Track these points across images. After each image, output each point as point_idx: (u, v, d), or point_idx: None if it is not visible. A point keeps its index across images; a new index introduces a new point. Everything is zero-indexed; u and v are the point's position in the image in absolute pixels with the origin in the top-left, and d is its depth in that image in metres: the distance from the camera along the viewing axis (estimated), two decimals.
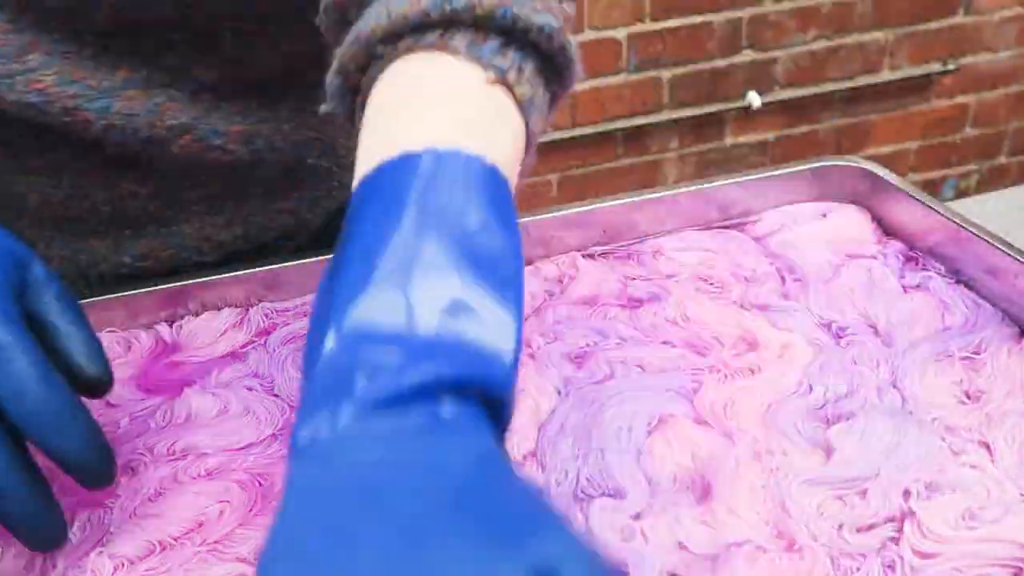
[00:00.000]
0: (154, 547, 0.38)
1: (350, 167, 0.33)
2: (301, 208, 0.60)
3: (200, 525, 0.39)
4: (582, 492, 0.40)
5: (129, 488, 0.41)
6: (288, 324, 0.52)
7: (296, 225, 0.60)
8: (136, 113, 0.47)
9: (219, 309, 0.53)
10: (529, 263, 0.57)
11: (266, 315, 0.53)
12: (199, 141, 0.50)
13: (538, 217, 0.57)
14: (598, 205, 0.57)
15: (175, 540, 0.38)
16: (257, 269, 0.54)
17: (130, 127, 0.47)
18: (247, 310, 0.53)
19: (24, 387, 0.32)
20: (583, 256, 0.57)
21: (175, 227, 0.55)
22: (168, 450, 0.43)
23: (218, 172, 0.53)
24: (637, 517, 0.39)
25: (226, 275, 0.53)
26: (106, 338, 0.51)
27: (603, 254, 0.58)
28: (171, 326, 0.52)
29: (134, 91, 0.47)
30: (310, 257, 0.54)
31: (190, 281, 0.53)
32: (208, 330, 0.52)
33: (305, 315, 0.54)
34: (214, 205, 0.55)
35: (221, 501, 0.40)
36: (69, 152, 0.49)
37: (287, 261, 0.54)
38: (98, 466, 0.35)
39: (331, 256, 0.30)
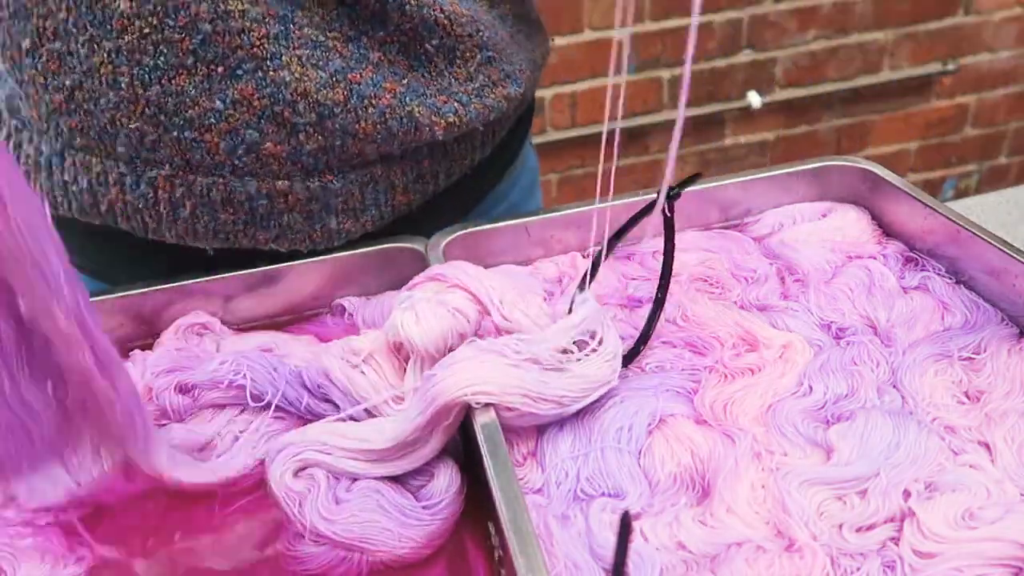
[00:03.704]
0: None
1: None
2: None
3: None
4: (582, 492, 0.40)
5: None
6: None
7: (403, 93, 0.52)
8: None
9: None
10: (529, 263, 0.57)
11: None
12: None
13: (538, 217, 0.57)
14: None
15: None
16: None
17: None
18: None
19: None
20: (583, 256, 0.57)
21: (272, 71, 0.49)
22: None
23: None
24: (637, 517, 0.39)
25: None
26: None
27: None
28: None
29: None
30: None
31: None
32: None
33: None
34: (318, 47, 0.50)
35: None
36: None
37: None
38: None
39: None
